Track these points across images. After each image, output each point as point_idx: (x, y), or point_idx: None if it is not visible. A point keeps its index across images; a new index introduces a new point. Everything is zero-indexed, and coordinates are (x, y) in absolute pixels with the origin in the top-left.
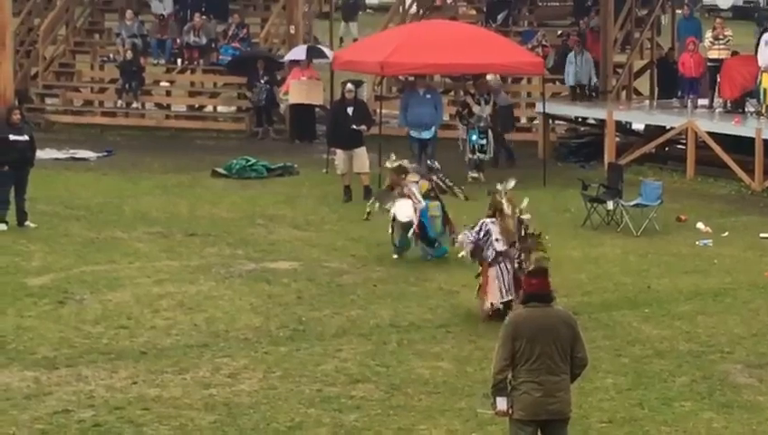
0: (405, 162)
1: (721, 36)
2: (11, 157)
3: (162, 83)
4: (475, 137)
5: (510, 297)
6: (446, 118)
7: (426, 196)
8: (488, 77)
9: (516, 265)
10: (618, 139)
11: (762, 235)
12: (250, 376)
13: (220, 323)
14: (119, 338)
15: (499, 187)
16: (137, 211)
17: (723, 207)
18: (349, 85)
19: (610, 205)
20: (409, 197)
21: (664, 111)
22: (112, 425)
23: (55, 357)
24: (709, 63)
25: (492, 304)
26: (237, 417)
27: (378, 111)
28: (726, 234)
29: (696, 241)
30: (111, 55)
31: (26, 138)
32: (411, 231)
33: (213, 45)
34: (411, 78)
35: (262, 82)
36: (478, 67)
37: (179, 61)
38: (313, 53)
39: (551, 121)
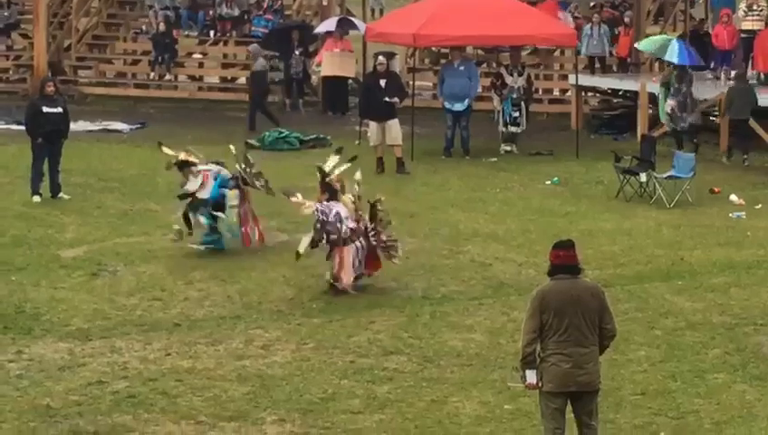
0: (192, 157)
1: (755, 7)
2: (45, 129)
3: (195, 55)
4: (507, 108)
5: (360, 272)
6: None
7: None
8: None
9: (374, 242)
10: (650, 111)
11: None
12: (283, 348)
13: (253, 294)
14: (152, 310)
15: (327, 167)
16: (170, 183)
17: (756, 180)
18: (380, 58)
19: (643, 177)
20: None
21: (697, 84)
22: (146, 396)
23: (89, 329)
24: (743, 35)
25: (341, 280)
26: (270, 388)
27: (411, 82)
28: (760, 206)
29: (729, 213)
30: (144, 27)
31: (60, 110)
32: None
33: (245, 17)
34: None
35: (297, 53)
36: (511, 39)
37: (212, 33)
38: (345, 24)
39: (583, 93)
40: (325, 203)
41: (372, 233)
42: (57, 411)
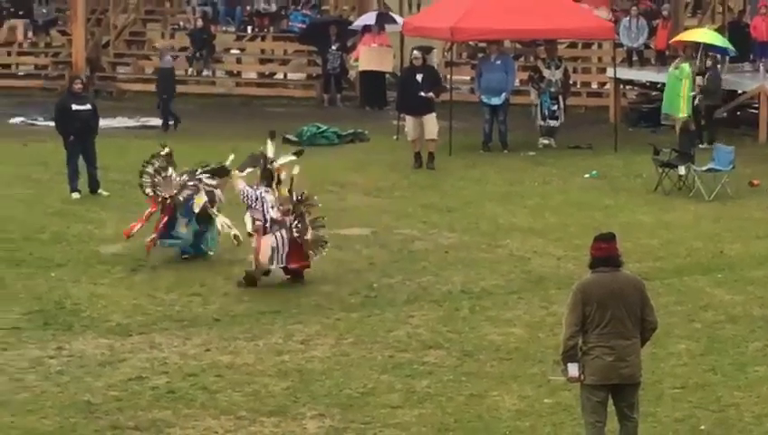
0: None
1: None
2: (74, 126)
3: (232, 51)
4: (545, 102)
5: (281, 265)
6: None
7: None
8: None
9: (296, 235)
10: None
11: None
12: (322, 342)
13: (292, 289)
14: (191, 305)
15: (270, 155)
16: None
17: None
18: (415, 52)
19: (682, 170)
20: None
21: (736, 76)
22: (186, 391)
23: (129, 324)
24: None
25: (258, 264)
26: (310, 383)
27: (448, 77)
28: None
29: None
30: (182, 23)
31: (89, 107)
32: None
33: (283, 12)
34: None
35: (334, 48)
36: (548, 32)
37: (250, 28)
38: (383, 19)
39: (621, 86)
40: (253, 187)
41: (296, 229)
42: (97, 407)
